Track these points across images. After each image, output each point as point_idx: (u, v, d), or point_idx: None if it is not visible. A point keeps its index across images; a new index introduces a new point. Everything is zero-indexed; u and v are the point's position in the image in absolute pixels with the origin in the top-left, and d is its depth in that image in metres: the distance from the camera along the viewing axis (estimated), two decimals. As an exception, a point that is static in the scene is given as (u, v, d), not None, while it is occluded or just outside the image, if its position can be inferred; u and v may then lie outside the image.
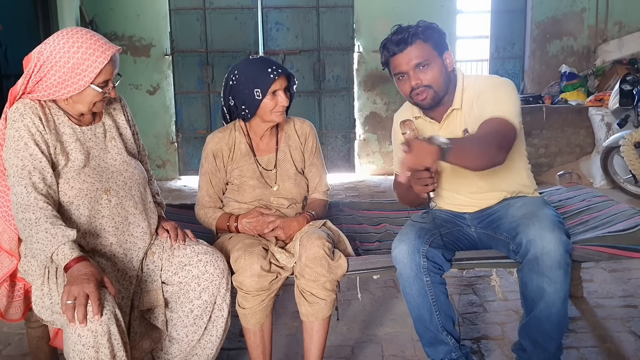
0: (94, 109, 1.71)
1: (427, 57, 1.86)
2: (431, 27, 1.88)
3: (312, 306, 1.87)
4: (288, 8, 5.74)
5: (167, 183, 5.72)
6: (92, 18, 5.48)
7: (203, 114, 5.90)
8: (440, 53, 1.89)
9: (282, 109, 2.00)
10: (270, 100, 1.97)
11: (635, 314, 2.45)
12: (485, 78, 2.02)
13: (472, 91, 1.93)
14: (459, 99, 1.94)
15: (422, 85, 1.88)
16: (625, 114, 4.35)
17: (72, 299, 1.43)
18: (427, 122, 2.01)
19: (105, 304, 1.47)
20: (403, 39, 1.85)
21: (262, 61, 2.00)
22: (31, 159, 1.60)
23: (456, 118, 1.95)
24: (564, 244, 1.70)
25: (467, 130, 1.92)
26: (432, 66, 1.87)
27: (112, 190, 1.71)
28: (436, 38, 1.88)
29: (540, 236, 1.71)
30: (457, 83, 1.96)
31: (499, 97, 1.86)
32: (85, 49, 1.59)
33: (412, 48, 1.85)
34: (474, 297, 2.69)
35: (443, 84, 1.90)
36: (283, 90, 1.98)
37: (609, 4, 5.78)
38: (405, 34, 1.86)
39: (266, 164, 2.12)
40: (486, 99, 1.87)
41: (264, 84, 1.94)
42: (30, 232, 1.55)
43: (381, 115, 5.94)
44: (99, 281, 1.48)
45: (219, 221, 2.10)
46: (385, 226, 2.47)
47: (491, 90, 1.89)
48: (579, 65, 5.86)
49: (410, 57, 1.85)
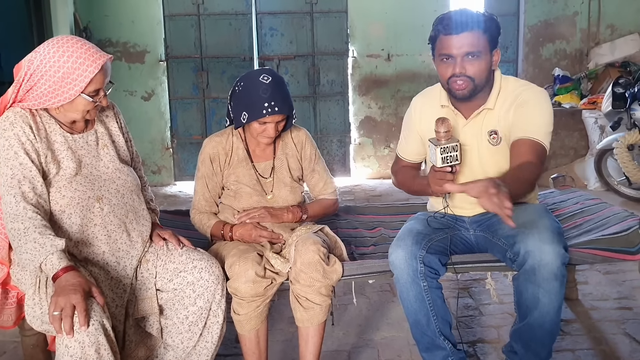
0: (87, 117, 1.71)
1: (480, 48, 1.81)
2: (493, 21, 1.84)
3: (307, 311, 1.87)
4: (282, 14, 5.75)
5: (162, 189, 5.70)
6: (86, 24, 5.47)
7: (198, 119, 5.90)
8: (492, 48, 1.85)
9: (268, 140, 2.00)
10: (259, 126, 1.96)
11: (630, 316, 2.46)
12: (526, 86, 1.93)
13: (510, 95, 1.89)
14: (493, 99, 1.90)
15: (465, 75, 1.83)
16: (618, 117, 4.36)
17: (59, 309, 1.42)
18: (453, 114, 1.96)
19: (92, 315, 1.45)
20: (464, 22, 1.79)
21: (265, 91, 1.91)
22: (21, 168, 1.59)
23: (485, 117, 1.92)
24: (561, 257, 1.70)
25: (495, 132, 1.90)
26: (481, 59, 1.82)
27: (105, 198, 1.71)
28: (494, 33, 1.84)
29: (539, 248, 1.70)
30: (495, 83, 1.91)
31: (537, 114, 1.84)
32: (76, 58, 1.59)
33: (470, 34, 1.80)
34: (469, 300, 2.70)
35: (484, 80, 1.86)
36: (275, 123, 1.96)
37: (601, 8, 5.81)
38: (466, 17, 1.80)
39: (262, 171, 2.11)
40: (526, 112, 1.84)
41: (253, 114, 1.92)
42: (19, 242, 1.54)
43: (376, 119, 5.95)
44: (86, 291, 1.47)
45: (213, 228, 2.09)
46: (381, 230, 2.47)
47: (532, 104, 1.85)
48: (572, 68, 5.89)
49: (464, 43, 1.80)
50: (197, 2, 5.66)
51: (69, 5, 5.30)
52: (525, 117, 1.85)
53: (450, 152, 1.74)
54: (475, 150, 1.93)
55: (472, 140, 1.93)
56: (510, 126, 1.87)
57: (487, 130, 1.92)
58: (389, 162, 5.89)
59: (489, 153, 1.94)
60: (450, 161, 1.74)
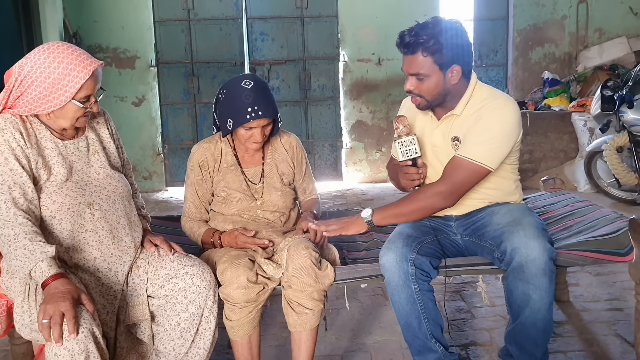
0: (77, 124, 1.70)
1: (424, 70, 1.82)
2: (440, 42, 1.78)
3: (299, 316, 1.87)
4: (272, 18, 5.76)
5: (153, 195, 5.68)
6: (76, 30, 5.45)
7: (189, 124, 5.89)
8: (444, 67, 1.82)
9: (255, 145, 2.01)
10: (245, 131, 1.97)
11: (621, 317, 2.47)
12: (491, 100, 1.89)
13: (478, 104, 1.90)
14: (461, 106, 1.92)
15: (414, 92, 1.89)
16: (607, 119, 4.40)
17: (48, 317, 1.41)
18: (429, 117, 2.00)
19: (81, 322, 1.44)
20: (408, 45, 1.82)
21: (248, 96, 1.91)
22: (11, 174, 1.58)
23: (452, 123, 1.95)
24: (548, 251, 1.72)
25: (458, 139, 1.92)
26: (428, 80, 1.84)
27: (96, 204, 1.70)
28: (443, 53, 1.79)
29: (524, 244, 1.73)
30: (467, 90, 1.91)
31: (483, 132, 1.83)
32: (67, 64, 1.59)
33: (413, 57, 1.82)
34: (461, 303, 2.70)
35: (438, 96, 1.88)
36: (260, 128, 1.96)
37: (589, 12, 5.88)
38: (411, 39, 1.80)
39: (252, 177, 2.11)
40: (475, 129, 1.85)
41: (238, 119, 1.93)
42: (9, 249, 1.53)
43: (367, 123, 5.96)
44: (75, 299, 1.46)
45: (204, 236, 2.09)
46: (373, 235, 2.47)
47: (484, 122, 1.84)
48: (561, 71, 5.94)
49: (410, 64, 1.84)
50: (187, 8, 5.66)
51: (58, 11, 5.28)
52: (472, 135, 1.86)
53: (409, 146, 1.90)
54: (443, 153, 1.96)
55: (441, 143, 1.97)
56: (465, 135, 1.90)
57: (451, 135, 1.95)
58: (380, 166, 5.91)
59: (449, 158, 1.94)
60: (410, 155, 1.90)
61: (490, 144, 1.84)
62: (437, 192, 1.85)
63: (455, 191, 1.85)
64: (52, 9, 5.12)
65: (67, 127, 1.70)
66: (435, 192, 1.85)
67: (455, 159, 1.86)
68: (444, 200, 1.86)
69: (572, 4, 5.87)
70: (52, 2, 5.12)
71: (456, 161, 1.86)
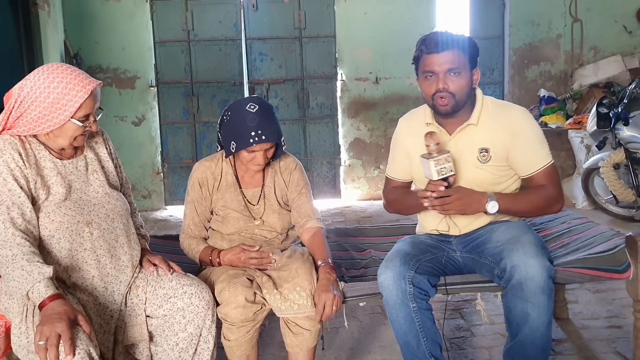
0: (75, 144, 1.72)
1: (461, 65, 1.90)
2: (472, 43, 1.94)
3: (297, 337, 1.86)
4: (271, 39, 5.83)
5: (152, 213, 5.68)
6: (77, 51, 5.50)
7: (189, 143, 5.91)
8: (472, 68, 1.94)
9: (257, 168, 2.01)
10: (248, 154, 1.96)
11: (620, 335, 2.46)
12: (511, 109, 2.03)
13: (493, 114, 1.97)
14: (476, 115, 1.96)
15: (448, 91, 1.90)
16: (603, 136, 4.43)
17: (44, 339, 1.40)
18: (437, 130, 2.01)
19: (78, 343, 1.44)
20: (445, 41, 1.89)
21: (252, 119, 1.91)
22: (10, 195, 1.60)
23: (471, 134, 1.97)
24: (547, 269, 1.73)
25: (486, 150, 1.95)
26: (462, 76, 1.90)
27: (94, 223, 1.71)
28: (474, 53, 1.94)
29: (524, 262, 1.73)
30: (477, 101, 1.99)
31: (533, 140, 1.96)
32: (66, 83, 1.61)
33: (450, 53, 1.89)
34: (461, 321, 2.69)
35: (465, 97, 1.93)
36: (263, 151, 1.95)
37: (584, 30, 5.95)
38: (446, 37, 1.90)
39: (251, 198, 2.12)
40: (526, 143, 1.95)
41: (241, 143, 1.92)
42: (7, 270, 1.53)
43: (365, 141, 6.00)
44: (72, 320, 1.46)
45: (202, 254, 2.08)
46: (371, 252, 2.48)
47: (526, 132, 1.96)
48: (557, 89, 5.99)
49: (445, 60, 1.88)
50: (187, 29, 5.72)
51: (59, 33, 5.34)
52: (527, 150, 1.96)
53: (444, 164, 1.83)
54: (459, 166, 1.96)
55: (455, 156, 1.96)
56: (506, 149, 1.96)
57: (477, 147, 1.97)
58: (378, 184, 5.92)
59: (475, 169, 1.97)
60: (444, 173, 1.84)
61: (543, 143, 1.99)
62: (552, 197, 1.97)
63: (561, 192, 2.00)
64: (53, 31, 5.18)
65: (66, 146, 1.71)
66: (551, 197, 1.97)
67: (539, 173, 1.97)
68: (558, 205, 1.99)
69: (567, 23, 5.94)
70: (54, 23, 5.18)
71: (541, 174, 1.97)
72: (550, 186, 1.97)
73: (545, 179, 1.97)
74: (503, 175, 2.00)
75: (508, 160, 1.98)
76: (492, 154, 1.96)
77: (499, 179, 2.00)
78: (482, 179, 1.97)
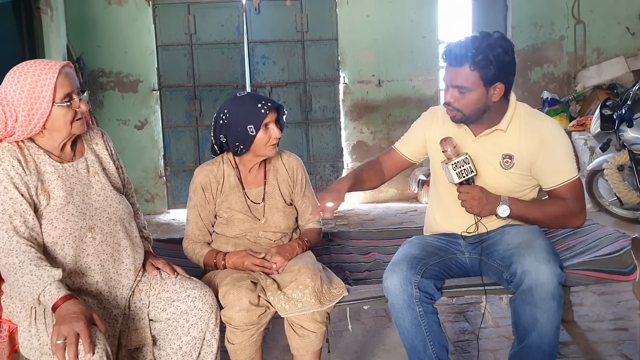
0: (74, 131, 1.69)
1: (468, 84, 1.83)
2: (488, 59, 1.79)
3: (302, 339, 1.86)
4: (274, 42, 5.83)
5: (155, 217, 5.68)
6: (80, 55, 5.51)
7: (191, 147, 5.91)
8: (488, 84, 1.83)
9: (276, 141, 2.03)
10: (264, 134, 1.99)
11: (626, 337, 2.45)
12: (543, 120, 1.98)
13: (524, 122, 1.93)
14: (506, 122, 1.93)
15: (452, 106, 1.89)
16: (607, 138, 4.41)
17: (62, 338, 1.41)
18: (463, 130, 1.99)
19: (96, 342, 1.45)
20: (456, 56, 1.82)
21: (251, 97, 2.02)
22: (11, 203, 1.59)
23: (497, 139, 1.95)
24: (558, 276, 1.71)
25: (510, 157, 1.93)
26: (470, 94, 1.84)
27: (97, 227, 1.70)
28: (489, 70, 1.80)
29: (535, 268, 1.72)
30: (509, 107, 1.94)
31: (562, 155, 1.92)
32: (32, 72, 1.61)
33: (459, 70, 1.82)
34: (465, 324, 2.68)
35: (477, 111, 1.88)
36: (274, 122, 2.01)
37: (586, 32, 5.94)
38: (461, 51, 1.81)
39: (254, 197, 2.12)
40: (555, 157, 1.91)
41: (257, 119, 1.96)
42: (15, 277, 1.53)
43: (368, 144, 5.99)
44: (88, 319, 1.47)
45: (206, 258, 2.08)
46: (375, 255, 2.47)
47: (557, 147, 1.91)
48: (560, 91, 5.98)
49: (454, 76, 1.85)
50: (189, 32, 5.73)
51: (62, 37, 5.35)
52: (553, 162, 1.92)
53: (463, 166, 1.84)
54: (479, 168, 1.93)
55: (477, 158, 1.93)
56: (532, 159, 1.92)
57: (501, 152, 1.94)
58: (382, 187, 5.90)
59: (496, 174, 1.96)
60: (465, 174, 1.85)
61: (570, 157, 1.94)
62: (571, 212, 1.94)
63: (583, 208, 1.97)
64: (56, 35, 5.19)
65: (66, 137, 1.69)
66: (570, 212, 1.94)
67: (563, 187, 1.93)
68: (578, 221, 1.97)
69: (570, 25, 5.93)
70: (56, 27, 5.19)
71: (564, 187, 1.93)
72: (571, 200, 1.93)
73: (568, 193, 1.93)
74: (523, 185, 1.98)
75: (532, 171, 1.95)
76: (516, 161, 1.94)
77: (518, 187, 1.98)
78: (501, 185, 1.95)
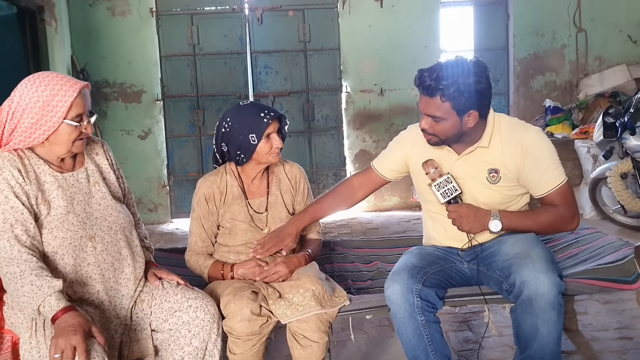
0: (74, 149, 1.70)
1: (440, 114, 1.84)
2: (460, 90, 1.79)
3: (305, 349, 1.85)
4: (276, 52, 5.86)
5: (159, 227, 5.68)
6: (84, 66, 5.56)
7: (194, 156, 5.93)
8: (461, 112, 1.84)
9: (277, 150, 2.04)
10: (265, 144, 2.00)
11: (631, 346, 2.43)
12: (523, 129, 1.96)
13: (505, 135, 1.93)
14: (487, 138, 1.94)
15: (428, 132, 1.91)
16: (610, 146, 4.41)
17: (60, 352, 1.40)
18: (445, 150, 2.00)
19: (94, 355, 1.44)
20: (427, 87, 1.83)
21: (254, 106, 2.04)
22: (12, 212, 1.59)
23: (481, 155, 1.96)
24: (557, 285, 1.71)
25: (496, 171, 1.94)
26: (443, 122, 1.86)
27: (97, 237, 1.70)
28: (461, 100, 1.81)
29: (534, 277, 1.72)
30: (488, 123, 1.94)
31: (546, 161, 1.90)
32: (53, 85, 1.61)
33: (431, 100, 1.83)
34: (469, 333, 2.67)
35: (453, 136, 1.90)
36: (276, 132, 2.02)
37: (588, 40, 5.95)
38: (431, 83, 1.81)
39: (257, 207, 2.12)
40: (539, 165, 1.89)
41: (259, 128, 1.98)
42: (15, 286, 1.53)
43: (370, 152, 5.99)
44: (86, 331, 1.46)
45: (211, 269, 2.07)
46: (377, 264, 2.47)
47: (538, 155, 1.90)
48: (563, 99, 5.99)
49: (427, 106, 1.86)
50: (192, 43, 5.77)
51: (66, 48, 5.40)
52: (539, 171, 1.91)
53: (446, 185, 1.87)
54: (467, 186, 1.96)
55: (464, 175, 1.96)
56: (517, 170, 1.92)
57: (486, 168, 1.95)
58: (384, 195, 5.92)
59: (484, 189, 1.96)
60: (450, 193, 1.87)
61: (555, 163, 1.93)
62: (564, 217, 1.93)
63: (576, 211, 1.95)
64: (60, 46, 5.23)
65: (65, 154, 1.70)
66: (563, 217, 1.93)
67: (552, 193, 1.92)
68: (572, 224, 1.96)
69: (571, 33, 5.95)
70: (61, 39, 5.24)
71: (554, 194, 1.92)
72: (562, 206, 1.92)
73: (558, 199, 1.92)
74: (512, 195, 1.99)
75: (519, 181, 1.96)
76: (502, 174, 1.94)
77: (508, 199, 1.99)
78: (491, 199, 1.96)
